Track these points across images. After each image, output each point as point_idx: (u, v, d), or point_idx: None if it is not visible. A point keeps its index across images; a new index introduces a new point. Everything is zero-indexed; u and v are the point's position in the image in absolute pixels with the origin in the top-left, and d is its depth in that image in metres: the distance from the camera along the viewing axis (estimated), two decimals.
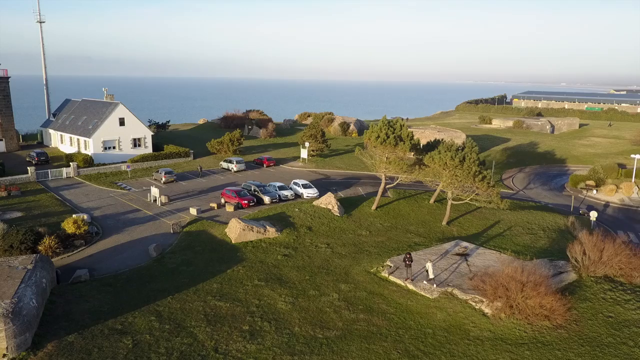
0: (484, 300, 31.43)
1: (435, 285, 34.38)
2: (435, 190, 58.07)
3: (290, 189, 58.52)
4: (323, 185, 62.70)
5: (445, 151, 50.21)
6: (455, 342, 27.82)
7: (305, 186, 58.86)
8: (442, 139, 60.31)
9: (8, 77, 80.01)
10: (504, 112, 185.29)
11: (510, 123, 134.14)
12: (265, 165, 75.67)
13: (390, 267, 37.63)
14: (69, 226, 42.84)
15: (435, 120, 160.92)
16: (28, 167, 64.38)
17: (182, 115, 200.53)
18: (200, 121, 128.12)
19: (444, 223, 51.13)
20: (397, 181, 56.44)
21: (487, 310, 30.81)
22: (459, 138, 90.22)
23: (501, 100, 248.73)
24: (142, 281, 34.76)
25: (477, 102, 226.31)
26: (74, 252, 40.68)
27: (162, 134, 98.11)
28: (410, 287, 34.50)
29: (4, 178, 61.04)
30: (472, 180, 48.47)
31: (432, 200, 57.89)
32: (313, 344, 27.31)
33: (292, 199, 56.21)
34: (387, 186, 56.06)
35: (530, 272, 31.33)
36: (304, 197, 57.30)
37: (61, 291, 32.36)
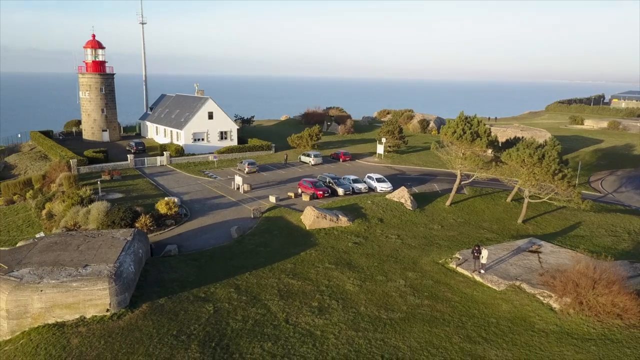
0: (553, 295, 31.11)
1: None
2: (512, 189, 56.93)
3: (364, 182, 59.95)
4: (398, 181, 63.44)
5: (523, 148, 49.26)
6: (518, 332, 28.00)
7: (379, 180, 60.04)
8: (522, 137, 58.89)
9: (113, 74, 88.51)
10: (600, 113, 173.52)
11: (604, 124, 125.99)
12: (341, 160, 77.63)
13: (459, 259, 38.03)
14: (161, 207, 47.48)
15: (522, 120, 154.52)
16: (128, 155, 71.21)
17: (266, 111, 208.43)
18: (283, 117, 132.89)
19: (519, 221, 50.20)
20: (473, 178, 56.06)
21: (555, 305, 30.51)
22: (543, 137, 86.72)
23: (598, 101, 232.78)
24: (223, 258, 37.99)
25: (570, 102, 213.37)
26: (165, 230, 45.06)
27: (247, 129, 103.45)
28: (477, 278, 34.80)
29: (108, 164, 68.13)
30: (550, 178, 47.21)
31: (509, 199, 56.82)
32: (377, 323, 28.75)
33: (366, 192, 57.62)
34: (462, 182, 55.84)
35: (603, 270, 30.54)
36: (378, 190, 58.48)
37: (154, 262, 36.31)
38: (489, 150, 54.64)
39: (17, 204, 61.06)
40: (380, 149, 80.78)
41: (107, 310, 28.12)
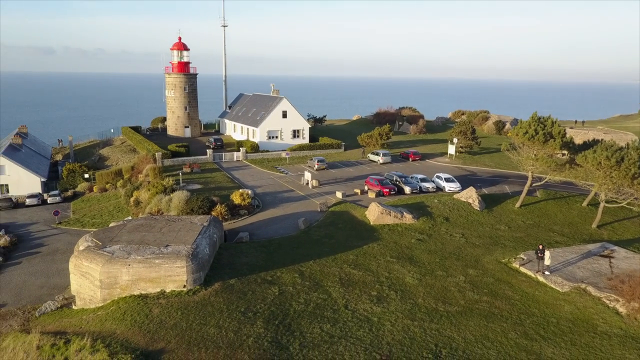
0: (620, 299, 30.25)
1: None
2: (589, 193, 54.69)
3: (432, 181, 60.06)
4: (467, 181, 62.84)
5: (601, 150, 47.37)
6: (579, 333, 27.65)
7: (447, 180, 59.89)
8: (601, 139, 56.36)
9: (196, 74, 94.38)
10: None
11: None
12: (410, 159, 77.85)
13: (523, 259, 37.67)
14: (236, 198, 50.70)
15: (611, 124, 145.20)
16: (207, 150, 75.93)
17: (338, 111, 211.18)
18: (355, 117, 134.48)
19: (593, 226, 48.33)
20: (545, 180, 54.49)
21: (621, 310, 29.67)
22: (627, 140, 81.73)
23: None
24: (290, 247, 40.19)
25: None
26: (239, 219, 48.14)
27: (319, 127, 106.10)
28: (541, 279, 34.40)
29: (189, 158, 73.11)
30: (630, 182, 45.10)
31: (585, 203, 54.64)
32: (433, 315, 29.53)
33: (433, 192, 57.76)
34: (534, 185, 54.49)
35: None
36: (446, 190, 58.39)
37: (227, 247, 39.20)
38: (563, 152, 52.93)
39: (109, 192, 67.29)
40: (451, 149, 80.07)
41: (184, 286, 31.07)
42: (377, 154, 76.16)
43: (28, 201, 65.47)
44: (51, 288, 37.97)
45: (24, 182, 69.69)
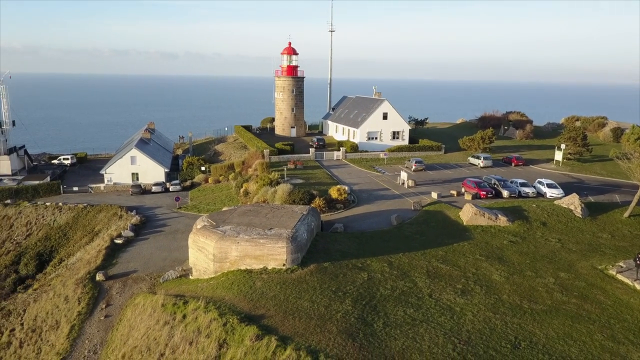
0: None
1: None
2: None
3: (533, 187, 58.75)
4: (572, 189, 60.37)
5: None
6: None
7: (549, 185, 58.24)
8: None
9: (303, 77, 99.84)
10: None
11: None
12: (513, 164, 76.08)
13: (622, 267, 36.47)
14: (333, 193, 54.00)
15: None
16: (310, 149, 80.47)
17: (442, 114, 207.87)
18: (459, 121, 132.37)
19: None
20: None
21: None
22: None
23: None
24: (381, 239, 42.46)
25: None
26: (335, 212, 51.36)
27: (420, 130, 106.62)
28: (638, 287, 33.27)
29: (293, 155, 78.14)
30: None
31: None
32: (516, 310, 30.20)
33: (533, 197, 56.58)
34: None
35: None
36: (547, 196, 56.89)
37: (323, 235, 42.48)
38: None
39: (222, 183, 74.24)
40: (558, 155, 76.90)
41: (284, 264, 34.73)
42: (478, 158, 75.52)
43: (154, 188, 74.35)
44: (172, 261, 43.91)
45: (150, 171, 79.09)
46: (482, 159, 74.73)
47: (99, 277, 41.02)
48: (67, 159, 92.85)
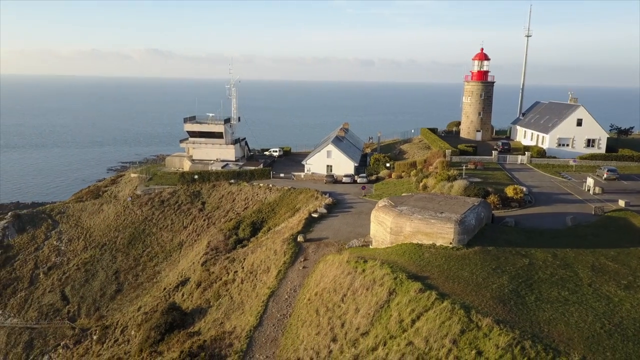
0: None
1: None
2: None
3: None
4: None
5: None
6: None
7: None
8: None
9: (493, 83, 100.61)
10: None
11: None
12: None
13: None
14: (509, 191, 56.17)
15: None
16: (492, 152, 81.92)
17: None
18: None
19: None
20: None
21: None
22: None
23: None
24: (551, 236, 43.98)
25: None
26: (508, 210, 53.65)
27: (623, 139, 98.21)
28: None
29: (475, 157, 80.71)
30: None
31: None
32: None
33: None
34: None
35: None
36: None
37: (492, 227, 45.79)
38: None
39: (403, 179, 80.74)
40: None
41: (450, 243, 39.56)
42: None
43: (344, 179, 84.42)
44: (356, 234, 51.85)
45: (342, 165, 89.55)
46: None
47: (300, 238, 51.09)
48: (276, 151, 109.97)
